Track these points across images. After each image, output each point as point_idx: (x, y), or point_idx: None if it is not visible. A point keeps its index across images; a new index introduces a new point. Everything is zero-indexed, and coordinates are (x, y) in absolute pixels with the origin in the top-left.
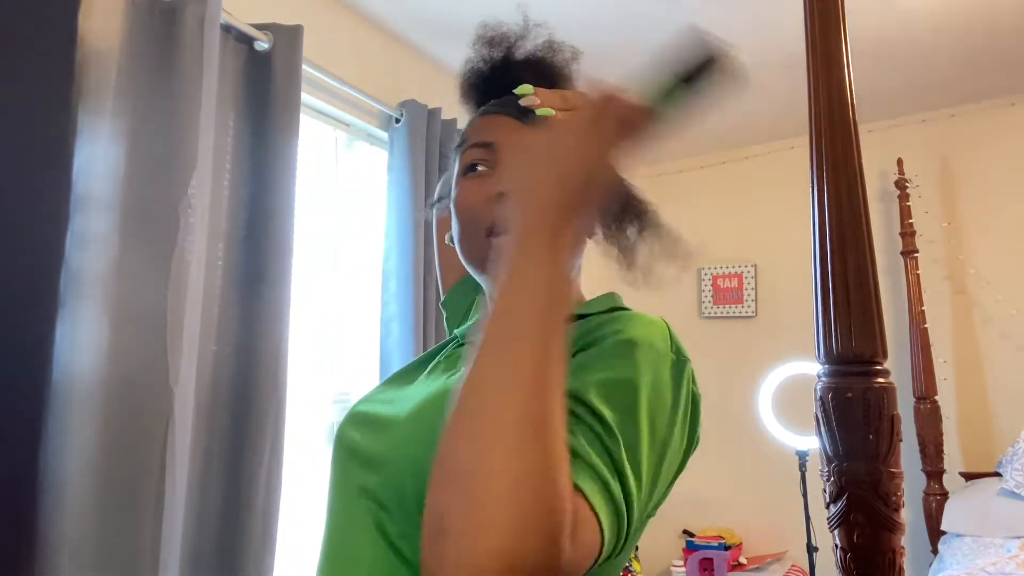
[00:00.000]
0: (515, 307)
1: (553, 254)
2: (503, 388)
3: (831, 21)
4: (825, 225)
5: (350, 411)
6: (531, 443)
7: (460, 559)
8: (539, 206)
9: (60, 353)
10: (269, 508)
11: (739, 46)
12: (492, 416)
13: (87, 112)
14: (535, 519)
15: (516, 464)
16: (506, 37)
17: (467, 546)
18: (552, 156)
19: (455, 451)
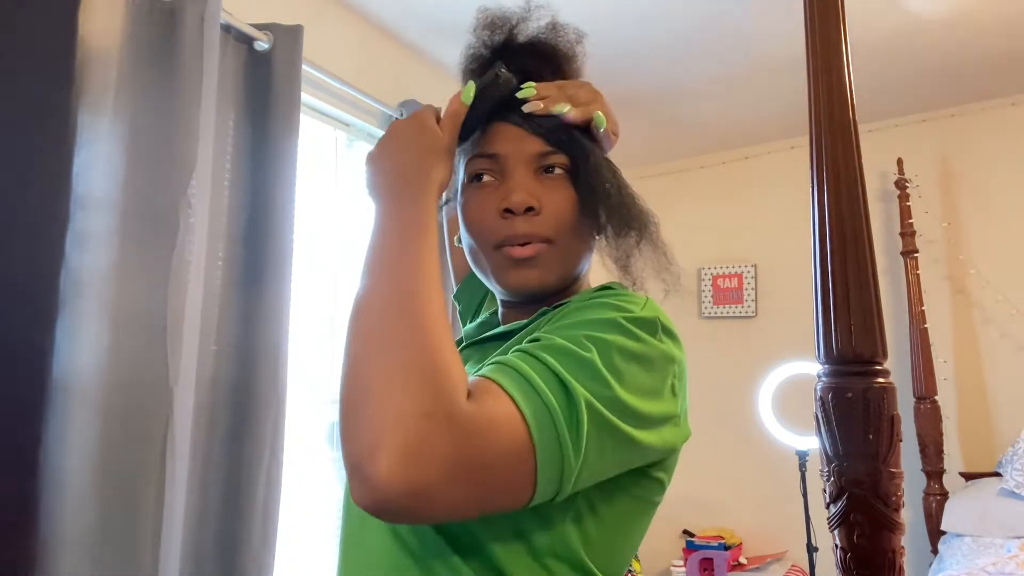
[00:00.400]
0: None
1: (400, 204)
2: (374, 283)
3: (831, 21)
4: (825, 225)
5: None
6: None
7: (355, 434)
8: (386, 175)
9: (60, 353)
10: (269, 508)
11: (739, 46)
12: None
13: (87, 112)
14: (414, 375)
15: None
16: (507, 20)
17: (357, 419)
18: (393, 139)
19: (345, 351)
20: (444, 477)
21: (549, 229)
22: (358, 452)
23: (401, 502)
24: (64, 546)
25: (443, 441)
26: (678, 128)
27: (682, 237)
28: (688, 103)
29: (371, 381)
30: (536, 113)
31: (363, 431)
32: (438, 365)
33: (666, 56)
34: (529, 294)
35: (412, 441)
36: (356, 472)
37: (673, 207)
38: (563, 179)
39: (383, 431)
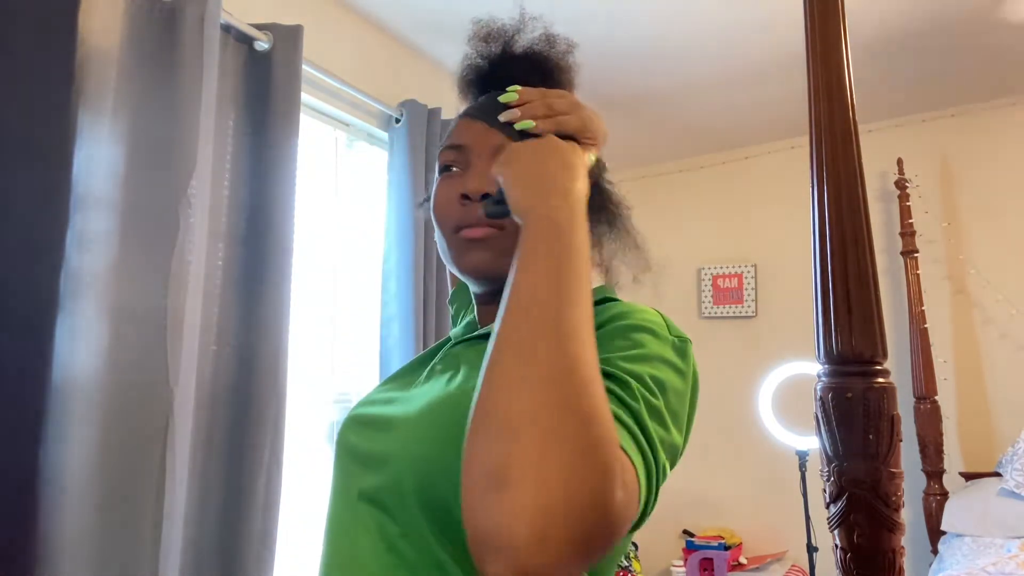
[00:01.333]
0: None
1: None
2: (538, 341)
3: (831, 21)
4: (825, 225)
5: (349, 414)
6: (575, 387)
7: (524, 507)
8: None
9: (60, 353)
10: (269, 508)
11: (739, 46)
12: (534, 366)
13: (87, 112)
14: (592, 459)
15: (563, 409)
16: (503, 32)
17: (531, 493)
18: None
19: (497, 401)
20: (588, 561)
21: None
22: (520, 533)
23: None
24: (64, 546)
25: (603, 533)
26: (678, 128)
27: (682, 237)
28: (688, 103)
29: (544, 453)
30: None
31: (530, 505)
32: (610, 448)
33: (666, 56)
34: (483, 276)
35: (586, 537)
36: (509, 552)
37: (673, 207)
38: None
39: (556, 513)
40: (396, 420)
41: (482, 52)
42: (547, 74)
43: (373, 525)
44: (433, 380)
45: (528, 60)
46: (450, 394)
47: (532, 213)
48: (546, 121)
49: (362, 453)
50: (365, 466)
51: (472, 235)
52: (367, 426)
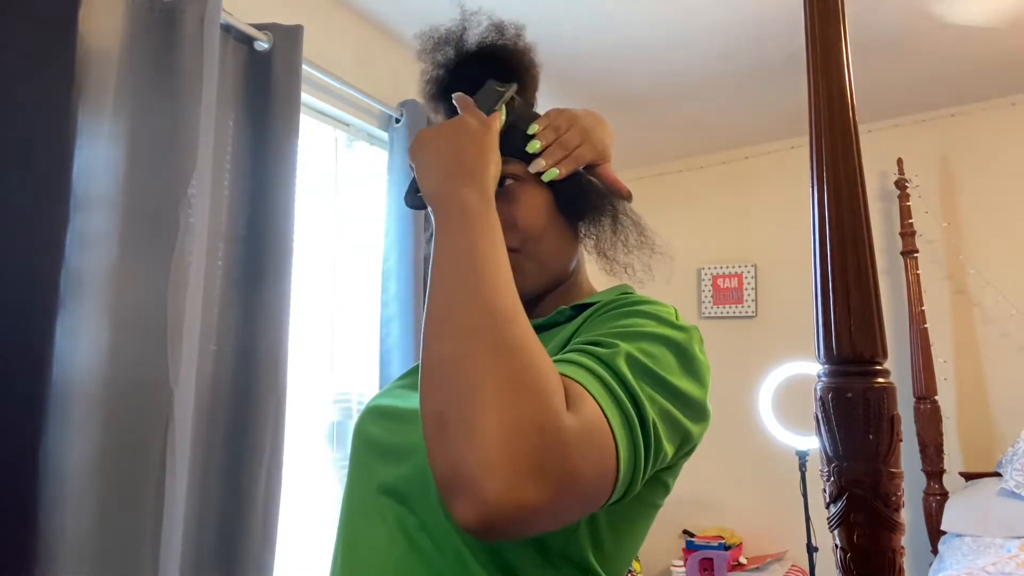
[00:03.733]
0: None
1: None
2: (456, 297)
3: (831, 21)
4: (825, 225)
5: (368, 406)
6: (496, 328)
7: (465, 440)
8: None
9: (60, 353)
10: (269, 508)
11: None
12: (454, 317)
13: (87, 112)
14: (520, 384)
15: (485, 348)
16: (450, 35)
17: (467, 426)
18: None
19: (427, 353)
20: (554, 492)
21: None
22: (469, 467)
23: (514, 518)
24: (64, 546)
25: (556, 455)
26: (678, 128)
27: (682, 237)
28: (688, 103)
29: (479, 392)
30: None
31: (474, 444)
32: (543, 375)
33: (666, 56)
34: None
35: (530, 456)
36: (465, 489)
37: (673, 207)
38: (520, 186)
39: (498, 445)
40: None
41: (438, 61)
42: (505, 62)
43: (391, 517)
44: None
45: (485, 55)
46: None
47: (442, 200)
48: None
49: (384, 444)
50: (386, 457)
51: None
52: (389, 418)
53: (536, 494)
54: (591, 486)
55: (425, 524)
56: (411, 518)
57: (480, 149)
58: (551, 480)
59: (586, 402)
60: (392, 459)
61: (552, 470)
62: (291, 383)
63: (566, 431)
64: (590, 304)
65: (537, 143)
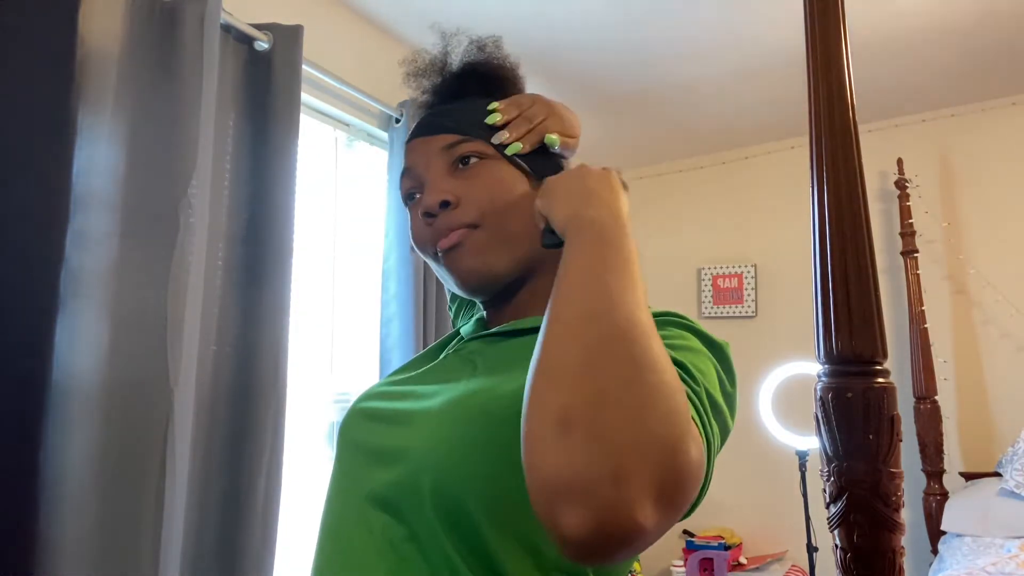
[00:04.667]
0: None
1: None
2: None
3: (831, 21)
4: (825, 225)
5: (354, 407)
6: (635, 340)
7: (597, 444)
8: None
9: (60, 353)
10: (269, 508)
11: (739, 46)
12: (592, 324)
13: (87, 112)
14: (662, 403)
15: (626, 357)
16: (434, 61)
17: (604, 431)
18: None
19: (559, 353)
20: (668, 517)
21: (470, 215)
22: (596, 473)
23: (626, 537)
24: (64, 546)
25: (679, 480)
26: (678, 128)
27: (682, 237)
28: (688, 103)
29: (617, 399)
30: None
31: (606, 452)
32: (679, 394)
33: (666, 56)
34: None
35: (658, 476)
36: (584, 497)
37: (673, 207)
38: (484, 165)
39: (633, 458)
40: (415, 415)
41: (424, 87)
42: (491, 77)
43: (378, 528)
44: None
45: (469, 75)
46: (472, 392)
47: (573, 220)
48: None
49: (372, 448)
50: (376, 462)
51: (444, 244)
52: (379, 420)
53: (654, 516)
54: (681, 516)
55: (414, 535)
56: (399, 528)
57: (606, 182)
58: (670, 505)
59: (696, 437)
60: (382, 463)
61: (672, 495)
62: (291, 383)
63: (692, 459)
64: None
65: (497, 115)
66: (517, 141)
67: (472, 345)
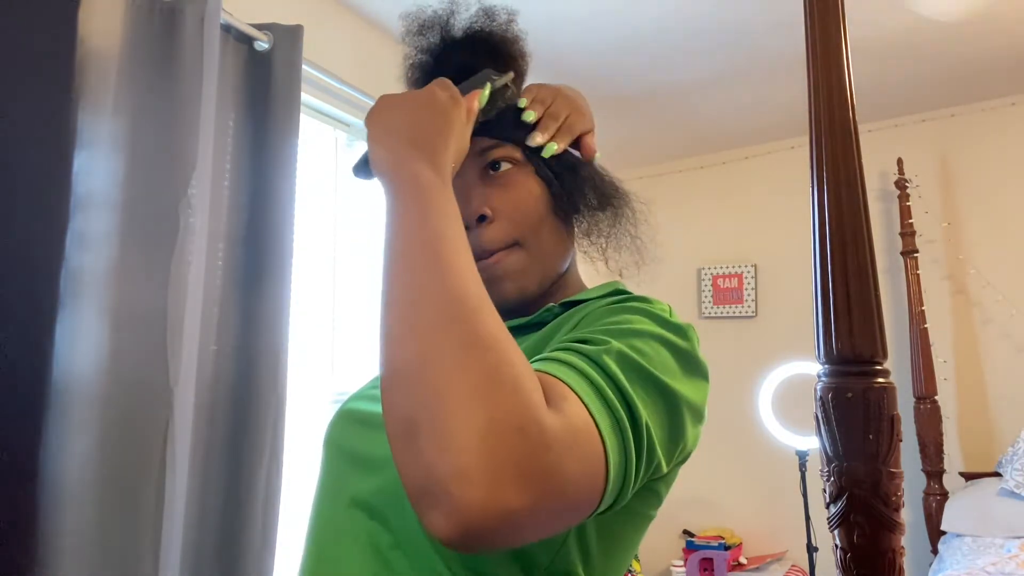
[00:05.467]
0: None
1: (424, 180)
2: (415, 286)
3: (831, 21)
4: (825, 225)
5: (340, 409)
6: (462, 322)
7: (437, 447)
8: (401, 148)
9: (60, 353)
10: (269, 508)
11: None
12: (418, 309)
13: (87, 112)
14: (494, 383)
15: (453, 345)
16: (437, 18)
17: (439, 432)
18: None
19: (391, 355)
20: (537, 497)
21: (509, 232)
22: (442, 475)
23: (495, 527)
24: (64, 547)
25: (537, 457)
26: (678, 128)
27: (682, 237)
28: (688, 103)
29: (450, 393)
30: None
31: (447, 450)
32: (517, 370)
33: (666, 56)
34: (514, 305)
35: (509, 458)
36: (440, 499)
37: (673, 207)
38: (516, 172)
39: (474, 449)
40: None
41: (421, 46)
42: (493, 50)
43: (363, 534)
44: None
45: (471, 41)
46: None
47: (392, 173)
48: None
49: (356, 453)
50: (359, 468)
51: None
52: (363, 424)
53: (518, 500)
54: (577, 491)
55: (400, 542)
56: (384, 535)
57: (444, 123)
58: (533, 484)
59: (570, 401)
60: (365, 470)
61: (534, 473)
62: (291, 383)
63: (548, 431)
64: (579, 301)
65: (532, 112)
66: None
67: None
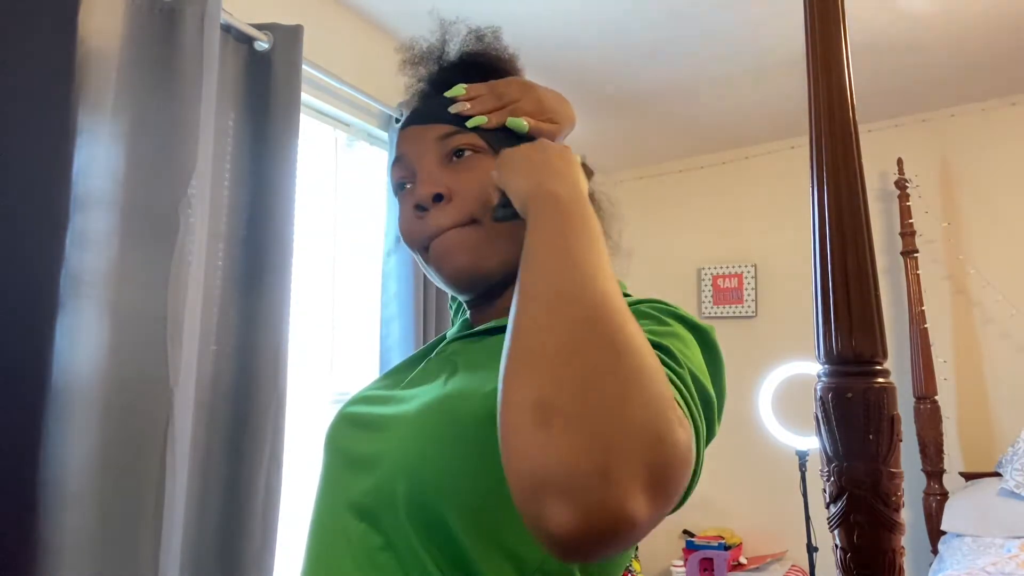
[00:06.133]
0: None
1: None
2: (564, 285)
3: (831, 21)
4: (825, 225)
5: (340, 412)
6: (612, 323)
7: (581, 437)
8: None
9: (60, 353)
10: (269, 508)
11: (739, 46)
12: (566, 306)
13: (87, 112)
14: (647, 388)
15: (603, 341)
16: (431, 49)
17: (587, 423)
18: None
19: (533, 341)
20: (661, 508)
21: (465, 212)
22: (583, 468)
23: (618, 531)
24: (64, 546)
25: (670, 469)
26: (678, 128)
27: (682, 237)
28: (688, 103)
29: (599, 386)
30: (462, 113)
31: (593, 443)
32: (661, 378)
33: (666, 56)
34: (470, 280)
35: (648, 466)
36: (573, 492)
37: (673, 207)
38: (476, 158)
39: (622, 449)
40: (389, 420)
41: (420, 76)
42: (489, 68)
43: (355, 537)
44: (428, 379)
45: (465, 64)
46: (447, 395)
47: (533, 193)
48: (499, 113)
49: (352, 455)
50: (354, 469)
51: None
52: (359, 426)
53: (646, 508)
54: (674, 505)
55: (391, 543)
56: (375, 537)
57: (566, 158)
58: (661, 496)
59: (684, 422)
60: (359, 470)
61: (664, 486)
62: (291, 383)
63: (680, 445)
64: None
65: (462, 87)
66: (482, 115)
67: (454, 346)
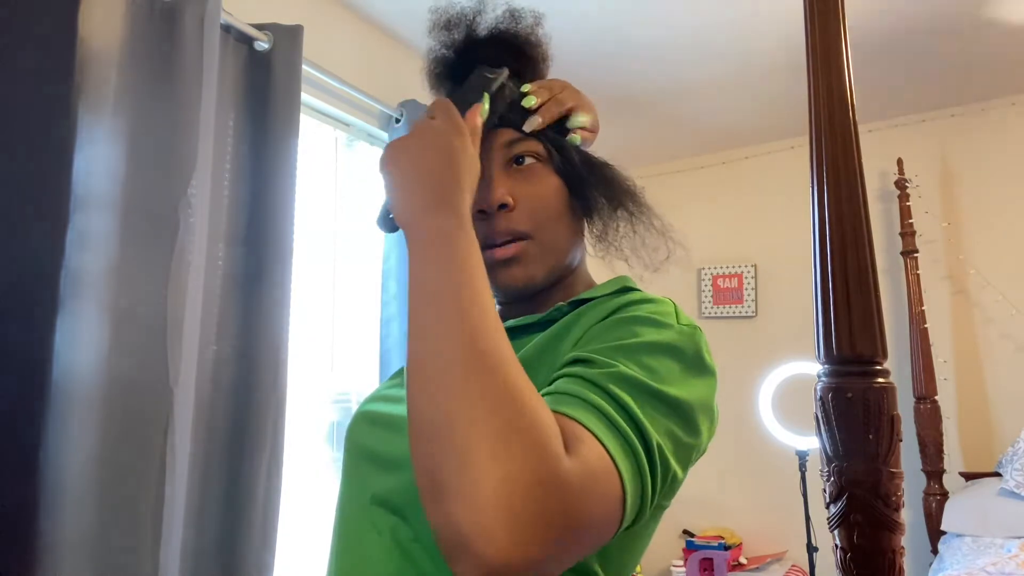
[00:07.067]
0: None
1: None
2: (440, 347)
3: (831, 21)
4: (825, 225)
5: (360, 410)
6: (485, 376)
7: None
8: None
9: (60, 353)
10: (269, 508)
11: (739, 46)
12: (439, 366)
13: (87, 112)
14: (514, 439)
15: (476, 400)
16: (464, 16)
17: (463, 493)
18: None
19: (417, 408)
20: (559, 543)
21: (526, 223)
22: (467, 530)
23: (538, 569)
24: (64, 546)
25: (558, 507)
26: (678, 128)
27: (682, 237)
28: (688, 103)
29: (468, 449)
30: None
31: (469, 506)
32: (536, 421)
33: (666, 56)
34: (517, 293)
35: (529, 513)
36: (466, 551)
37: (673, 207)
38: (538, 168)
39: (495, 507)
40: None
41: (446, 41)
42: (517, 52)
43: (385, 528)
44: None
45: (495, 41)
46: None
47: (413, 229)
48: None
49: (375, 453)
50: (378, 467)
51: (503, 255)
52: (380, 425)
53: (540, 549)
54: (598, 527)
55: (420, 536)
56: (405, 529)
57: (452, 160)
58: (554, 533)
59: (585, 441)
60: (384, 469)
61: (554, 522)
62: (291, 383)
63: (566, 478)
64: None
65: (533, 98)
66: (574, 135)
67: None
